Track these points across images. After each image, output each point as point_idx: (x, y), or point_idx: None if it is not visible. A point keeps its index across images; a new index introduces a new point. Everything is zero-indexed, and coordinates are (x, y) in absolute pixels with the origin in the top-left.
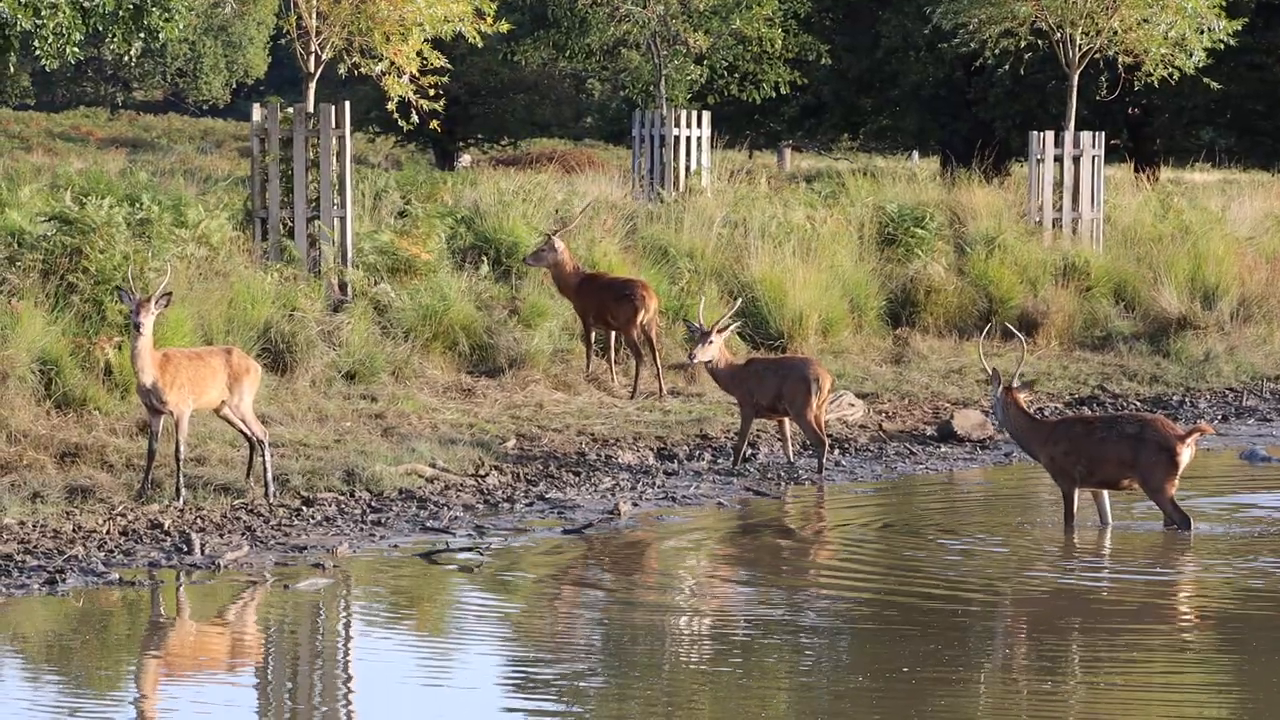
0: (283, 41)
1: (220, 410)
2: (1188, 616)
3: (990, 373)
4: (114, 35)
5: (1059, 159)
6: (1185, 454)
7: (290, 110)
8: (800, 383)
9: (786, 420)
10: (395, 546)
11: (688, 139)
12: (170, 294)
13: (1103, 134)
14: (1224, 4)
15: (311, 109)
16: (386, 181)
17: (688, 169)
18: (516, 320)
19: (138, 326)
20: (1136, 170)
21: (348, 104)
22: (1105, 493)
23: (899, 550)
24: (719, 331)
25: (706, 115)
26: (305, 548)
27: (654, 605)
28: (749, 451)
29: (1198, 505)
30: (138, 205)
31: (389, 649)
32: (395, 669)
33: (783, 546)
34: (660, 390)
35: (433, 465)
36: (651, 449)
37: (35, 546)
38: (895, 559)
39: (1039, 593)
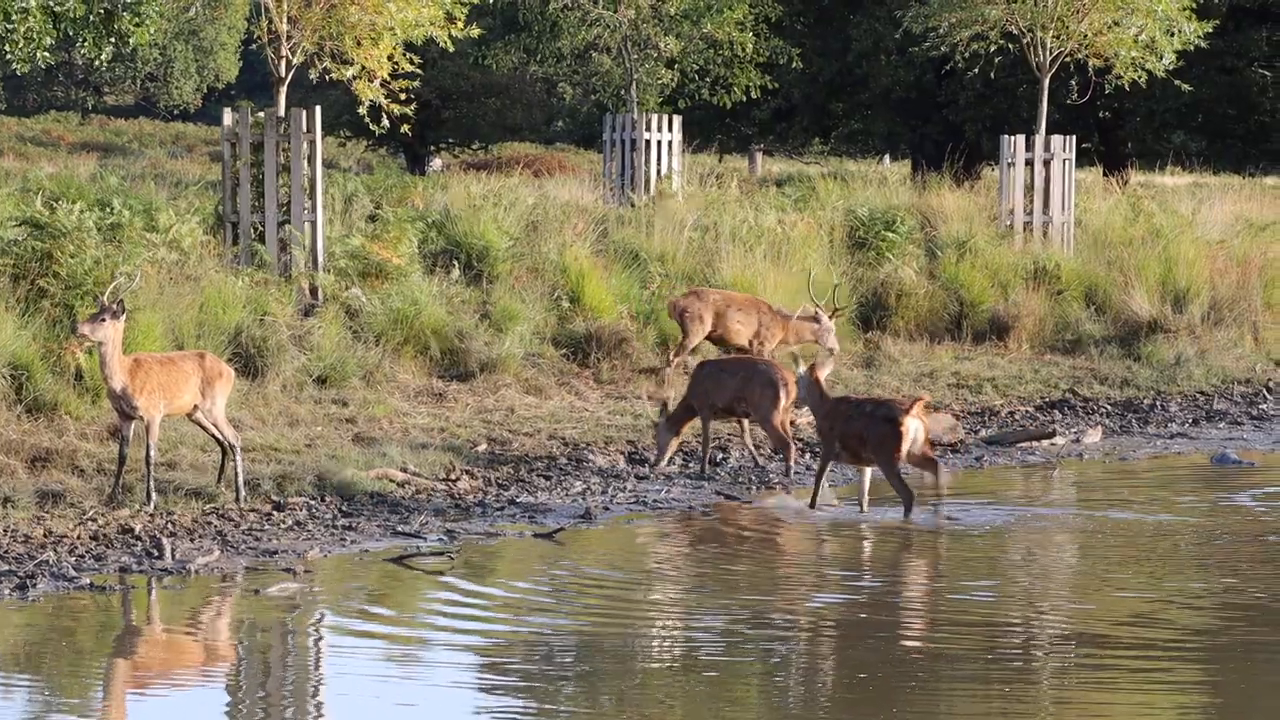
0: (253, 46)
1: (193, 415)
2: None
3: (795, 357)
4: (85, 40)
5: (1029, 163)
6: (911, 426)
7: (261, 115)
8: (768, 386)
9: (746, 422)
10: (366, 551)
11: (658, 143)
12: (122, 301)
13: (1073, 137)
14: (1195, 6)
15: (282, 113)
16: (357, 186)
17: (659, 173)
18: (487, 324)
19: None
20: (1107, 174)
21: (319, 108)
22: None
23: (868, 554)
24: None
25: (677, 119)
26: (276, 552)
27: (624, 608)
28: (719, 456)
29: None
30: (108, 210)
31: (359, 653)
32: (365, 673)
33: (752, 551)
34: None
35: (404, 470)
36: (622, 453)
37: (6, 551)
38: (864, 563)
39: (1004, 595)
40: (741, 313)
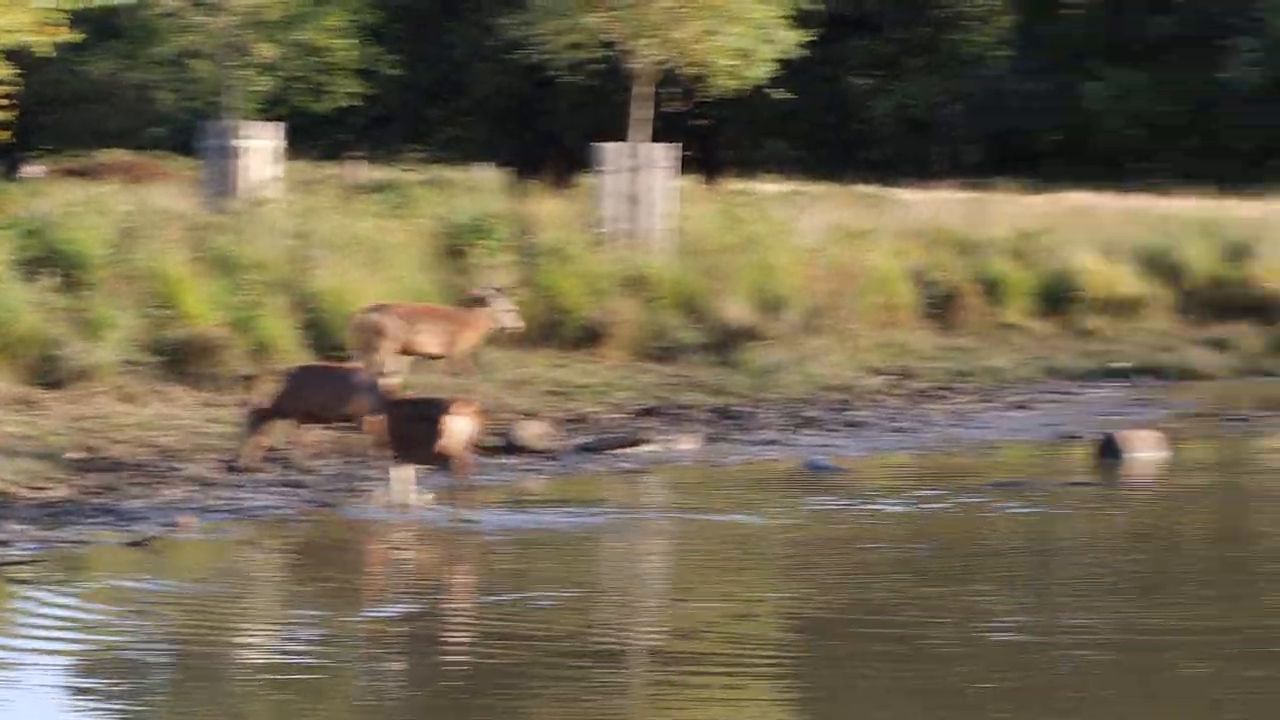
0: None
1: None
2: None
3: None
4: None
5: (629, 169)
6: (451, 426)
7: None
8: (366, 393)
9: (305, 429)
10: None
11: (257, 150)
12: None
13: (672, 145)
14: (793, 16)
15: None
16: None
17: (256, 180)
18: (83, 331)
19: None
20: (706, 181)
21: None
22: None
23: (457, 562)
24: None
25: (276, 126)
26: None
27: (215, 618)
28: (317, 464)
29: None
30: None
31: None
32: None
33: (343, 560)
34: None
35: None
36: (218, 461)
37: None
38: (454, 572)
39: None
40: (424, 321)
